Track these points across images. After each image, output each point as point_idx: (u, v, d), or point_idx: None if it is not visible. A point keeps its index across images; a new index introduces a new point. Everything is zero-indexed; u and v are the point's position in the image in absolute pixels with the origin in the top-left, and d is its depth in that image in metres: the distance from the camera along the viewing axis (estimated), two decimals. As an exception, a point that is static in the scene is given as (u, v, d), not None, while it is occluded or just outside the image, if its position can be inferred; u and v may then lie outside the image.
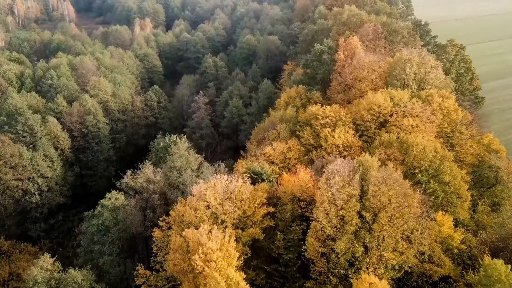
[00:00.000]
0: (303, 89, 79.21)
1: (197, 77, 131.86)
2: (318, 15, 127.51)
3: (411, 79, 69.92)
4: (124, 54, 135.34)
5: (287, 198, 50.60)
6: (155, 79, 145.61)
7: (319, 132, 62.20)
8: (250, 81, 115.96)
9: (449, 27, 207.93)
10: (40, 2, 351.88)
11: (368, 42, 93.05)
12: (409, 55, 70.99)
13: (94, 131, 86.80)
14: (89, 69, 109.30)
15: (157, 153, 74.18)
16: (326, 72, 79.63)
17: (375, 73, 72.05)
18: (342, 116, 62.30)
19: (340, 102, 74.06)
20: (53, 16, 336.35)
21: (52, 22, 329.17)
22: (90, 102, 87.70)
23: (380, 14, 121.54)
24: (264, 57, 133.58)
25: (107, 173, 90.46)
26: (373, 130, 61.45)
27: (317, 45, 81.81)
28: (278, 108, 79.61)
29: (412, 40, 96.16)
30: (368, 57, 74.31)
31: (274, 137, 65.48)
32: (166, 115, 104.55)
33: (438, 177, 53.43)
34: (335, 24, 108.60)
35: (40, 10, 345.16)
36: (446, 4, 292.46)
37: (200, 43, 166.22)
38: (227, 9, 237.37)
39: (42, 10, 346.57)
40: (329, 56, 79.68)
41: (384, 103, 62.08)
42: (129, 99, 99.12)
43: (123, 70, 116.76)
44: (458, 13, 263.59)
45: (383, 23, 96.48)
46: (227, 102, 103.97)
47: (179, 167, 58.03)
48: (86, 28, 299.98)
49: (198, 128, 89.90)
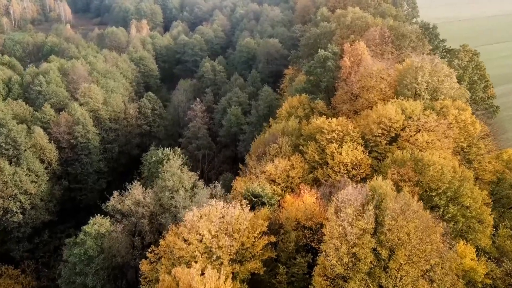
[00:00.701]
0: (306, 98, 73.99)
1: (194, 82, 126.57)
2: (321, 17, 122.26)
3: (423, 88, 64.70)
4: (118, 58, 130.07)
5: (291, 225, 45.42)
6: (151, 83, 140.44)
7: (324, 147, 56.97)
8: (250, 87, 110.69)
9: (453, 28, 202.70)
10: (36, 3, 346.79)
11: (375, 46, 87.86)
12: (420, 62, 65.73)
13: (83, 142, 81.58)
14: (81, 74, 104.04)
15: (149, 168, 68.93)
16: (330, 80, 74.42)
17: (384, 82, 66.81)
18: (349, 130, 57.06)
19: (346, 112, 68.89)
20: (50, 17, 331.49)
21: (48, 23, 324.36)
22: (79, 111, 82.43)
23: (385, 16, 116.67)
24: (264, 61, 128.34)
25: (98, 186, 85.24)
26: (383, 146, 56.20)
27: (321, 51, 76.59)
28: (279, 118, 74.37)
29: (421, 44, 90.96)
30: (376, 64, 69.06)
31: (275, 152, 60.25)
32: (161, 123, 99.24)
33: (457, 200, 48.25)
34: (339, 27, 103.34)
35: (37, 10, 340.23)
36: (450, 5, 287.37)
37: (198, 46, 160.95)
38: (226, 10, 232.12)
39: (38, 10, 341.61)
40: (333, 62, 74.47)
41: (395, 116, 56.85)
42: (122, 107, 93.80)
43: (117, 75, 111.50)
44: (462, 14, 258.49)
45: (390, 27, 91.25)
46: (225, 110, 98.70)
47: (171, 187, 52.81)
48: (83, 29, 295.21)
49: (194, 138, 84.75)
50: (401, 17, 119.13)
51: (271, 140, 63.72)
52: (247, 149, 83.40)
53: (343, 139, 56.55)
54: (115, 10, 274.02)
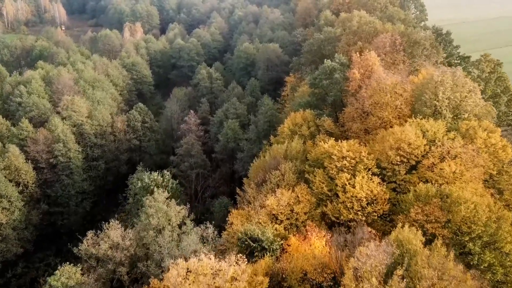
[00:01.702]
0: (311, 114, 66.26)
1: (189, 90, 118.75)
2: (324, 21, 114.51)
3: (444, 105, 57.01)
4: (109, 64, 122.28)
5: (296, 279, 37.77)
6: (144, 90, 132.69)
7: (334, 176, 49.30)
8: (248, 96, 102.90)
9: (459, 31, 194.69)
10: (31, 4, 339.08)
11: (385, 55, 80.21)
12: (441, 76, 58.05)
13: (64, 162, 73.83)
14: (66, 84, 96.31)
15: (135, 193, 61.22)
16: (338, 94, 66.73)
17: (400, 98, 59.09)
18: (363, 157, 49.35)
19: (356, 131, 61.19)
20: (44, 18, 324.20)
21: (43, 24, 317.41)
22: (60, 127, 74.61)
23: (393, 20, 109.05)
24: (263, 68, 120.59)
25: (81, 208, 77.60)
26: (403, 176, 48.47)
27: (327, 62, 68.84)
28: (281, 136, 66.58)
29: (434, 52, 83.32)
30: (390, 78, 61.32)
31: (277, 180, 52.54)
32: (152, 137, 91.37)
33: (494, 246, 40.65)
34: (344, 33, 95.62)
35: (31, 12, 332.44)
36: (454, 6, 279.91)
37: (195, 50, 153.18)
38: (225, 12, 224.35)
39: (33, 12, 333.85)
40: (342, 74, 66.75)
41: (415, 140, 49.16)
42: (109, 120, 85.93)
43: (106, 84, 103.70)
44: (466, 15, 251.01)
45: (401, 33, 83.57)
46: (221, 122, 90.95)
47: (156, 225, 45.11)
48: (78, 31, 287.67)
49: (187, 156, 77.10)
50: (410, 21, 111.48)
51: (272, 165, 56.03)
52: (245, 168, 75.71)
53: (355, 167, 48.87)
54: (110, 11, 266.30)
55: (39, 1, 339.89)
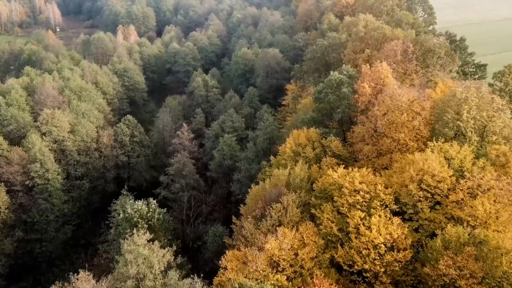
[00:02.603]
0: (316, 133, 58.98)
1: (183, 98, 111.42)
2: (328, 25, 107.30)
3: (469, 127, 49.80)
4: (98, 71, 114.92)
5: None
6: (137, 97, 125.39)
7: (345, 213, 42.12)
8: (247, 107, 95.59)
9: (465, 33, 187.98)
10: (25, 5, 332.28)
11: (396, 64, 73.15)
12: (465, 92, 50.88)
13: (41, 184, 66.62)
14: (49, 94, 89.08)
15: (116, 225, 54.03)
16: (346, 111, 59.49)
17: (419, 118, 51.88)
18: (379, 191, 42.15)
19: (368, 154, 54.02)
20: (39, 20, 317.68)
21: (37, 25, 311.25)
22: (38, 145, 67.33)
23: (401, 24, 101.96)
24: (263, 75, 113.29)
25: (62, 234, 70.38)
26: (427, 215, 41.23)
27: (333, 74, 61.58)
28: (282, 157, 59.34)
29: (450, 61, 76.19)
30: (406, 93, 54.11)
31: (279, 215, 45.34)
32: (142, 152, 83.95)
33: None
34: (350, 39, 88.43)
35: (25, 13, 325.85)
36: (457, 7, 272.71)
37: (191, 55, 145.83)
38: (223, 14, 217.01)
39: (27, 13, 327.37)
40: (350, 89, 59.52)
41: (441, 171, 41.97)
42: (94, 135, 78.58)
43: (93, 94, 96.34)
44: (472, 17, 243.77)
45: (413, 40, 76.47)
46: (217, 136, 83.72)
47: (136, 274, 37.91)
48: (74, 32, 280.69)
49: (178, 176, 69.87)
50: (420, 26, 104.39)
51: (273, 195, 48.85)
52: (243, 191, 68.47)
53: (370, 203, 41.68)
54: (105, 13, 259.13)
55: (34, 2, 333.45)
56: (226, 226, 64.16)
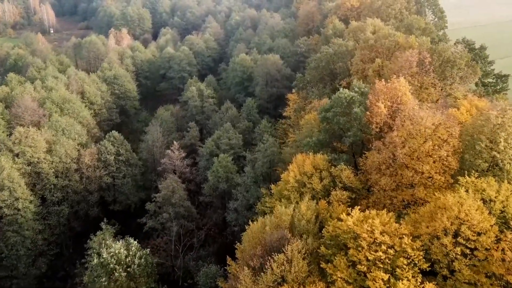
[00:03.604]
0: (323, 160, 51.01)
1: (177, 108, 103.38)
2: (332, 31, 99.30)
3: (507, 158, 41.93)
4: (85, 78, 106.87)
5: None
6: (128, 106, 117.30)
7: (364, 271, 34.22)
8: (244, 120, 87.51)
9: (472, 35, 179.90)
10: (19, 5, 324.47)
11: (411, 77, 65.34)
12: (500, 116, 43.04)
13: (10, 214, 58.63)
14: (28, 106, 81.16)
15: (91, 270, 46.05)
16: (358, 134, 51.50)
17: (447, 147, 43.93)
18: (405, 245, 34.21)
19: (385, 187, 46.11)
20: (33, 21, 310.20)
21: (31, 27, 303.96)
22: (6, 171, 59.24)
23: (412, 30, 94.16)
24: (262, 83, 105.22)
25: (35, 269, 62.30)
26: (466, 275, 33.28)
27: (343, 91, 53.54)
28: (284, 187, 51.44)
29: (471, 73, 68.29)
30: (429, 115, 46.15)
31: (281, 269, 37.43)
32: (129, 173, 75.88)
33: None
34: (358, 46, 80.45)
35: (19, 14, 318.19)
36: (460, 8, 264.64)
37: (186, 60, 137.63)
38: (221, 16, 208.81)
39: (21, 14, 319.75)
40: (363, 109, 51.55)
41: (481, 220, 34.07)
42: (74, 155, 70.54)
43: (77, 106, 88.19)
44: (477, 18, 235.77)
45: (430, 50, 68.58)
46: (212, 154, 75.78)
47: None
48: (68, 34, 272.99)
49: (167, 204, 61.88)
50: (432, 31, 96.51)
51: (274, 239, 41.00)
52: (240, 222, 60.58)
53: (395, 261, 33.76)
54: (100, 14, 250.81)
55: (29, 2, 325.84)
56: (221, 258, 56.06)
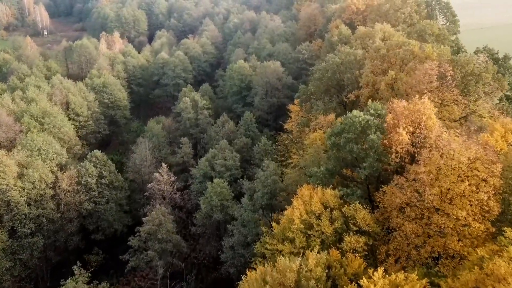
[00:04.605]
0: (334, 196, 43.11)
1: (169, 120, 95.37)
2: (338, 37, 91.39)
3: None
4: (71, 87, 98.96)
5: None
6: (118, 117, 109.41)
7: None
8: (242, 136, 79.50)
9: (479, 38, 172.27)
10: (13, 6, 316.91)
11: (430, 92, 57.64)
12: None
13: (-31, 254, 50.76)
14: (2, 122, 73.29)
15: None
16: (375, 165, 43.56)
17: (486, 186, 36.03)
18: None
19: (411, 233, 38.27)
20: (26, 22, 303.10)
21: (25, 28, 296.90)
22: (-34, 202, 51.40)
23: (424, 36, 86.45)
24: (262, 93, 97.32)
25: (2, 314, 54.30)
26: None
27: (357, 114, 45.48)
28: (288, 229, 43.55)
29: (498, 87, 60.51)
30: (463, 148, 38.25)
31: None
32: (113, 197, 67.90)
33: None
34: (368, 56, 72.61)
35: (12, 14, 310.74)
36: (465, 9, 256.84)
37: (181, 66, 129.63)
38: (219, 18, 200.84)
39: (15, 15, 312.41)
40: (380, 135, 43.65)
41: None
42: (50, 179, 62.61)
43: (58, 120, 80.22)
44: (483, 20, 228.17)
45: (451, 61, 60.82)
46: (205, 176, 67.88)
47: None
48: (62, 36, 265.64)
49: (153, 239, 53.88)
50: (446, 37, 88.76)
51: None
52: (234, 263, 52.63)
53: None
54: (94, 16, 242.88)
55: (22, 3, 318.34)
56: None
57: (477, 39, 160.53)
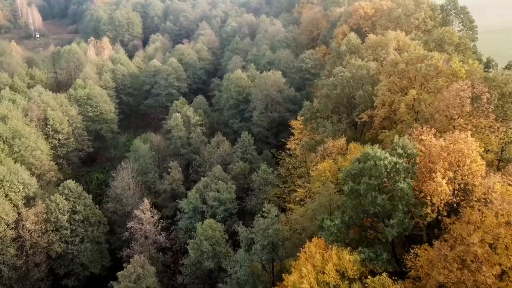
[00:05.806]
0: (353, 261, 33.65)
1: (158, 138, 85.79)
2: (347, 47, 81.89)
3: None
4: (51, 101, 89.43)
5: None
6: (103, 131, 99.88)
7: None
8: (239, 160, 70.01)
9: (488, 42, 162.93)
10: (5, 8, 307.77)
11: (461, 117, 48.43)
12: None
13: None
14: (-36, 145, 63.73)
15: None
16: (406, 221, 34.05)
17: None
18: None
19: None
20: (18, 25, 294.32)
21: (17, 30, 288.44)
22: None
23: (443, 45, 77.31)
24: (261, 107, 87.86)
25: None
26: None
27: (378, 154, 35.89)
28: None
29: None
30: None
31: None
32: (88, 235, 58.30)
33: None
34: (383, 70, 63.19)
35: (4, 16, 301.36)
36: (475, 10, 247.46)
37: (174, 74, 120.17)
38: (216, 21, 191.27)
39: (7, 16, 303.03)
40: (411, 182, 34.17)
41: None
42: (11, 219, 53.11)
43: (31, 141, 70.74)
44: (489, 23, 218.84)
45: (485, 80, 51.51)
46: (196, 210, 58.42)
47: None
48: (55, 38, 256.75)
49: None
50: (468, 47, 79.51)
51: None
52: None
53: None
54: (86, 18, 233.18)
55: (16, 4, 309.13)
56: None
57: (487, 43, 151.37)
